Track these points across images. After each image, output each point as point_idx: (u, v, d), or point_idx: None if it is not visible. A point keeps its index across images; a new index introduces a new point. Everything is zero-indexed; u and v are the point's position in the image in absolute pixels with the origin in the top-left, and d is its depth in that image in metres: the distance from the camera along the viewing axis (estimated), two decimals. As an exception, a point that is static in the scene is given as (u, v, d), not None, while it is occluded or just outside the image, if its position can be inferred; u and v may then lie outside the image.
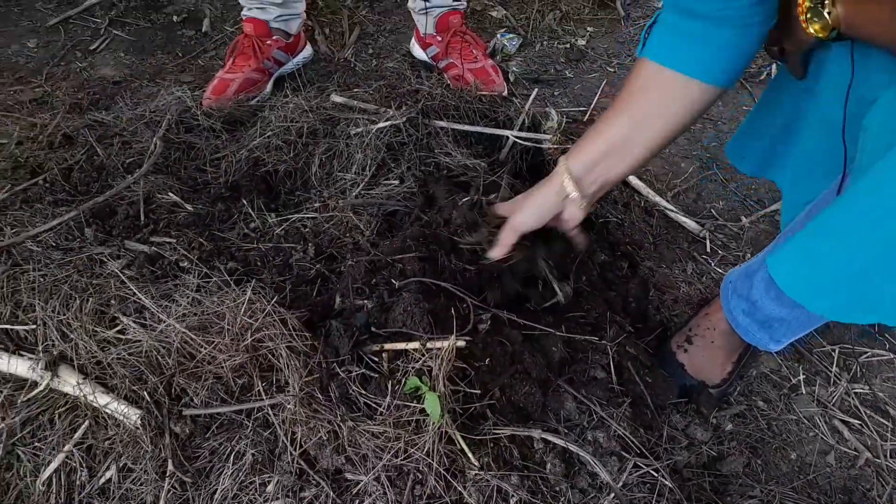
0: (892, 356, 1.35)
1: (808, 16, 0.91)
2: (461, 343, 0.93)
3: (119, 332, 1.06)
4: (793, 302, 1.10)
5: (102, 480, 1.03)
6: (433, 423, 0.89)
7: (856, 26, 0.87)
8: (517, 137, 1.55)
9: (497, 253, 1.15)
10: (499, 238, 1.16)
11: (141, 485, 1.01)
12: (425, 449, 0.90)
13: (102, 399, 1.02)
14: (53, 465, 1.03)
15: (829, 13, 0.88)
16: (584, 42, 2.22)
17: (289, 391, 0.95)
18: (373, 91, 1.71)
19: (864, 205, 0.80)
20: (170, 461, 0.99)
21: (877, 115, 0.86)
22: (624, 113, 1.06)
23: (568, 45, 2.20)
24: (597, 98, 1.99)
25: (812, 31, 0.91)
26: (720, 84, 1.02)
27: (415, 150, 1.46)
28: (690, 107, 1.04)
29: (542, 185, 1.15)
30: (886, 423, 1.26)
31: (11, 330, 1.11)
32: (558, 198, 1.12)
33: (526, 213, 1.15)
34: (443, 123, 1.53)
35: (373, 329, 1.02)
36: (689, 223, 1.60)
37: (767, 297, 1.13)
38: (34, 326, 1.09)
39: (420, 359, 0.93)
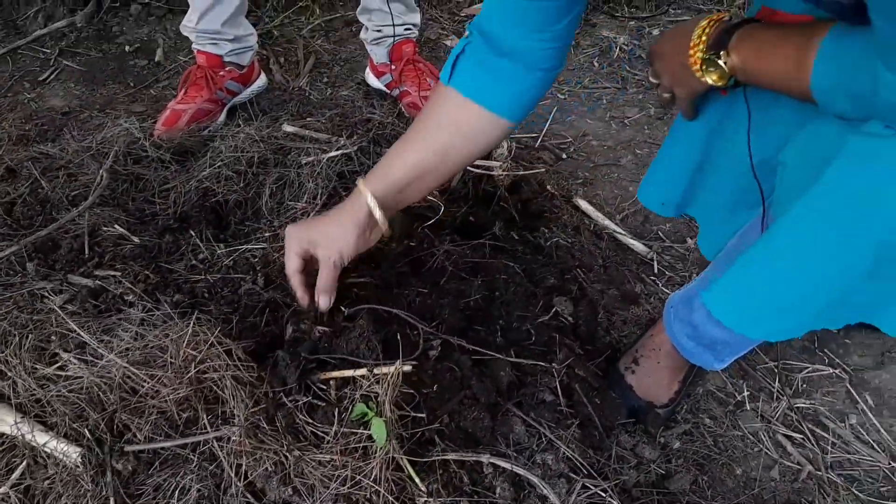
0: (831, 370, 1.40)
1: (704, 67, 0.95)
2: (407, 368, 0.94)
3: (59, 368, 1.04)
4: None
5: (42, 523, 1.00)
6: (380, 449, 0.89)
7: (753, 74, 0.92)
8: (468, 167, 1.57)
9: (326, 300, 1.10)
10: (322, 285, 1.10)
11: (82, 526, 0.98)
12: (373, 476, 0.90)
13: (41, 438, 0.99)
14: (-10, 508, 0.99)
15: (725, 63, 0.92)
16: (534, 70, 2.27)
17: (234, 423, 0.94)
18: (325, 120, 1.73)
19: (787, 239, 0.87)
20: (112, 500, 0.97)
21: (794, 152, 0.91)
22: (431, 142, 1.10)
23: (519, 73, 2.25)
24: (547, 124, 2.03)
25: (709, 80, 0.96)
26: (515, 121, 1.12)
27: (366, 179, 1.47)
28: (491, 141, 1.13)
29: (343, 212, 1.12)
30: (827, 436, 1.30)
31: (-53, 369, 1.08)
32: (366, 221, 1.11)
33: (340, 243, 1.10)
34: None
35: (321, 357, 1.02)
36: (638, 245, 1.64)
37: (709, 321, 1.17)
38: (-29, 365, 1.07)
39: (367, 385, 0.94)
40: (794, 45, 0.85)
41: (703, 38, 0.95)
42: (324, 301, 1.11)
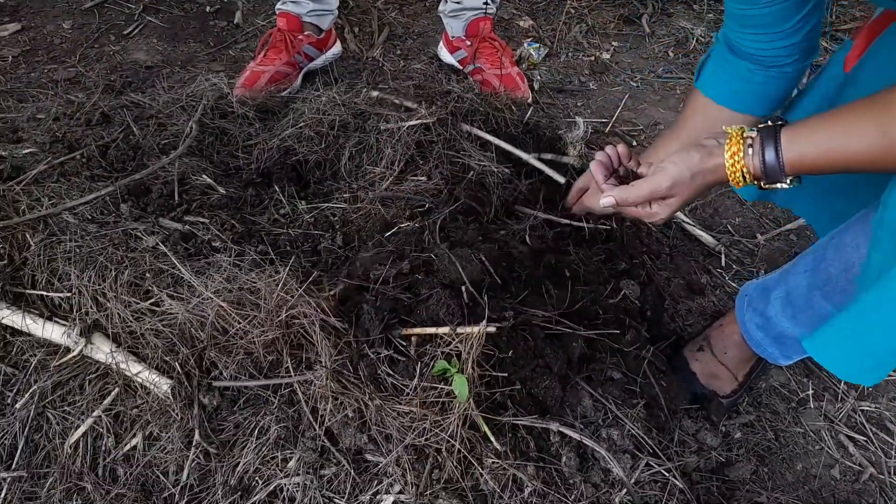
0: (899, 377, 1.38)
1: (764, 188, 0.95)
2: (491, 329, 0.96)
3: (153, 303, 1.09)
4: (809, 323, 1.13)
5: (128, 447, 1.05)
6: (459, 405, 0.92)
7: (824, 170, 0.89)
8: (539, 160, 1.57)
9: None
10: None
11: (166, 453, 1.03)
12: (449, 430, 0.93)
13: (134, 368, 1.05)
14: (81, 430, 1.05)
15: (790, 181, 0.91)
16: (608, 56, 2.26)
17: (319, 367, 0.98)
18: (404, 89, 1.75)
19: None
20: (196, 431, 1.02)
21: None
22: (676, 136, 1.25)
23: (592, 58, 2.24)
24: (619, 110, 2.02)
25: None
26: (758, 114, 1.16)
27: (443, 150, 1.49)
28: None
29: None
30: (891, 441, 1.28)
31: (47, 296, 1.14)
32: (623, 147, 1.19)
33: None
34: (470, 128, 1.56)
35: (402, 316, 1.05)
36: (706, 237, 1.63)
37: (783, 315, 1.17)
38: (69, 294, 1.13)
39: (449, 343, 0.96)
40: (865, 119, 0.81)
41: (739, 168, 0.93)
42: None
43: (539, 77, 2.12)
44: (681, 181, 0.98)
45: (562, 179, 1.55)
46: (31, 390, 1.07)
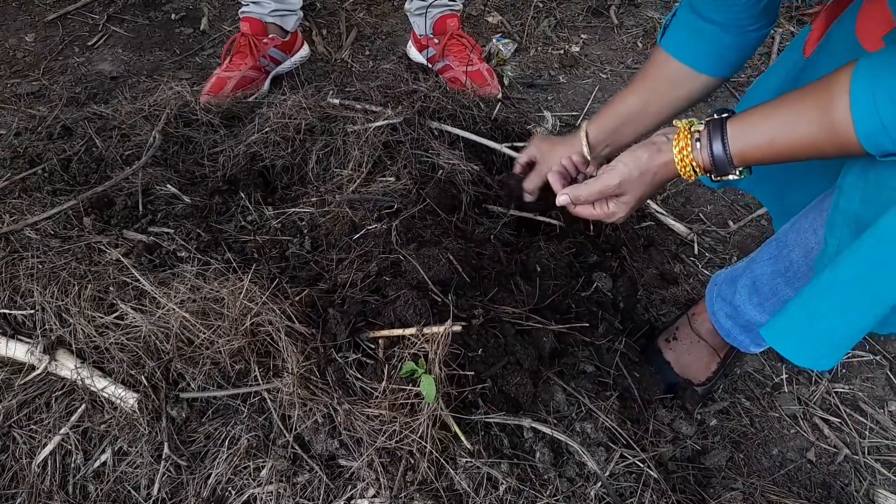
0: (871, 357, 1.39)
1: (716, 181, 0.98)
2: (457, 328, 0.95)
3: (118, 317, 1.08)
4: (775, 310, 1.14)
5: (97, 463, 1.04)
6: (428, 405, 0.92)
7: (771, 159, 0.90)
8: (510, 148, 1.57)
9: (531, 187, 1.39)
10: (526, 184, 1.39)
11: (136, 468, 1.02)
12: (419, 432, 0.92)
13: (100, 383, 1.03)
14: (49, 448, 1.04)
15: (739, 172, 0.93)
16: (577, 49, 2.26)
17: (286, 374, 0.97)
18: (368, 91, 1.74)
19: (851, 277, 0.84)
20: (166, 444, 1.01)
21: (853, 183, 0.88)
22: (638, 92, 1.25)
23: (562, 52, 2.24)
24: (589, 103, 2.03)
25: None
26: (718, 76, 1.19)
27: (410, 150, 1.49)
28: (692, 93, 1.21)
29: (566, 140, 1.36)
30: (865, 421, 1.29)
31: (9, 314, 1.13)
32: (577, 156, 1.28)
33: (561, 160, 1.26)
34: (438, 125, 1.56)
35: (369, 318, 1.04)
36: (678, 227, 1.64)
37: (750, 303, 1.17)
38: (32, 311, 1.11)
39: (416, 344, 0.96)
40: (807, 106, 0.83)
41: (689, 162, 0.95)
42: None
43: (509, 72, 2.12)
44: (629, 179, 1.02)
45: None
46: (-5, 410, 1.05)
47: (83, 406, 1.05)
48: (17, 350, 1.07)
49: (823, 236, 0.95)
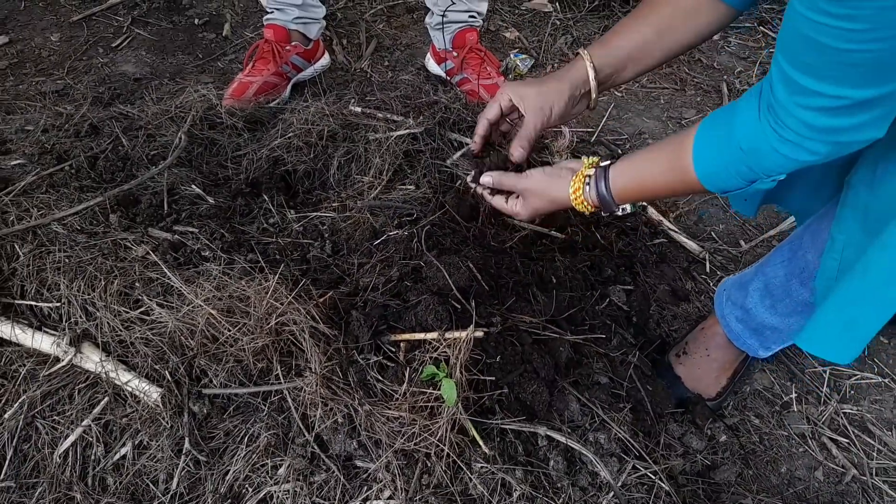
0: (880, 379, 1.40)
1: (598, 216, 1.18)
2: (479, 333, 0.97)
3: (143, 312, 1.09)
4: (787, 312, 1.16)
5: (117, 456, 1.06)
6: (448, 409, 0.93)
7: (644, 199, 1.12)
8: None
9: (522, 152, 1.24)
10: (524, 133, 1.22)
11: (156, 462, 1.04)
12: (438, 435, 0.94)
13: (124, 376, 1.05)
14: (71, 439, 1.05)
15: (623, 210, 1.12)
16: (593, 67, 2.29)
17: (309, 374, 0.99)
18: (391, 99, 1.77)
19: (883, 279, 0.89)
20: (186, 439, 1.02)
21: (864, 179, 0.94)
22: (648, 21, 1.14)
23: (578, 69, 2.27)
24: (604, 120, 2.05)
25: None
26: (737, 6, 1.10)
27: (430, 159, 1.51)
28: (709, 25, 1.12)
29: (560, 75, 1.20)
30: (873, 442, 1.30)
31: (36, 306, 1.14)
32: (581, 85, 1.19)
33: (553, 97, 1.19)
34: (458, 136, 1.59)
35: (391, 322, 1.06)
36: (691, 244, 1.65)
37: (762, 305, 1.20)
38: (58, 304, 1.13)
39: (437, 348, 0.97)
40: (663, 157, 1.00)
41: (581, 201, 1.11)
42: (518, 152, 1.21)
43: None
44: (534, 193, 1.16)
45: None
46: (20, 400, 1.07)
47: (106, 399, 1.06)
48: (44, 342, 1.09)
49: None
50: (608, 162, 1.08)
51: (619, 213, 1.10)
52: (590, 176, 1.09)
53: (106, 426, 1.07)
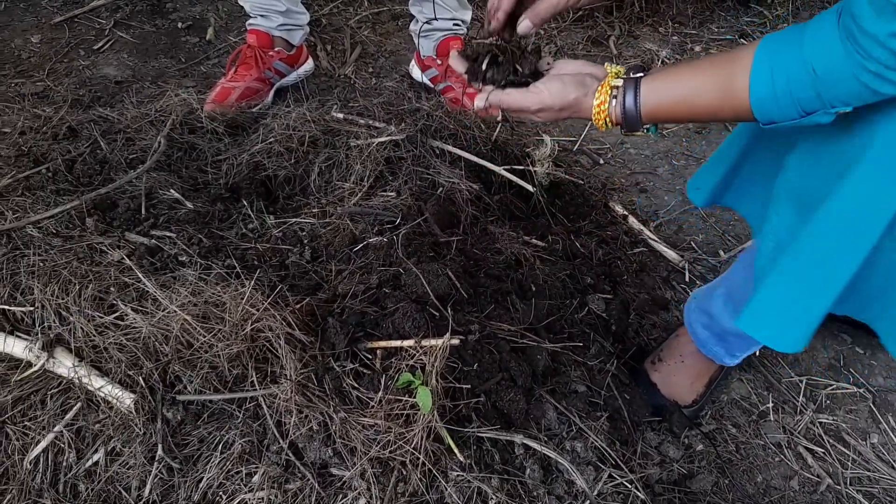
0: (855, 389, 1.42)
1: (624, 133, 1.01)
2: (455, 341, 0.97)
3: (118, 317, 1.08)
4: None
5: (90, 463, 1.04)
6: (423, 416, 0.93)
7: (673, 119, 0.97)
8: (508, 171, 1.60)
9: (529, 26, 1.05)
10: (540, 8, 1.05)
11: (128, 468, 1.02)
12: (413, 443, 0.93)
13: (97, 382, 1.04)
14: (42, 445, 1.04)
15: (646, 129, 0.98)
16: (576, 76, 2.31)
17: (284, 380, 0.98)
18: (373, 105, 1.77)
19: (812, 256, 0.90)
20: (160, 446, 1.01)
21: (798, 158, 0.94)
22: None
23: (561, 78, 2.28)
24: (586, 129, 2.07)
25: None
26: None
27: (412, 166, 1.51)
28: None
29: None
30: (848, 452, 1.32)
31: (9, 310, 1.13)
32: None
33: None
34: (440, 144, 1.59)
35: (367, 329, 1.06)
36: (670, 253, 1.67)
37: (725, 311, 1.20)
38: (32, 308, 1.11)
39: (413, 356, 0.97)
40: (712, 72, 0.89)
41: (604, 117, 0.98)
42: (525, 25, 1.06)
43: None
44: (548, 108, 1.01)
45: (531, 188, 1.58)
46: (-10, 406, 1.05)
47: (78, 405, 1.05)
48: (16, 346, 1.07)
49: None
50: (640, 73, 0.96)
51: (642, 133, 0.99)
52: (617, 87, 0.96)
53: (78, 432, 1.05)
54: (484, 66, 1.06)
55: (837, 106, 0.80)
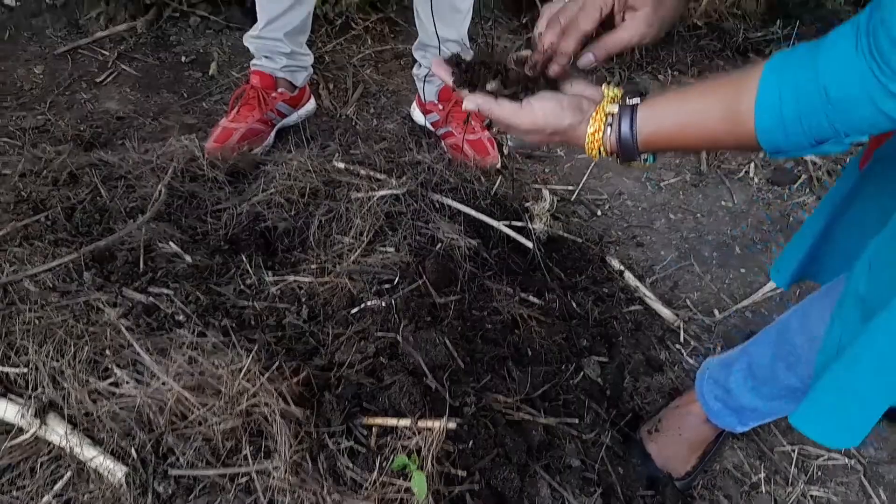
0: (846, 461, 1.42)
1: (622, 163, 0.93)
2: (452, 424, 0.97)
3: (112, 384, 1.08)
4: (771, 395, 1.15)
5: (78, 535, 1.03)
6: (418, 502, 0.92)
7: (675, 147, 0.88)
8: (507, 227, 1.61)
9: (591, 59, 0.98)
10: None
11: (117, 541, 1.01)
12: (407, 530, 0.93)
13: (89, 452, 1.03)
14: (30, 514, 1.03)
15: (644, 159, 0.90)
16: (576, 123, 2.32)
17: (277, 458, 0.97)
18: (374, 153, 1.77)
19: (874, 367, 0.86)
20: (150, 520, 1.00)
21: (878, 246, 0.89)
22: None
23: (561, 125, 2.30)
24: (584, 179, 2.08)
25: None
26: None
27: (411, 221, 1.52)
28: None
29: None
30: (839, 527, 1.32)
31: (2, 371, 1.12)
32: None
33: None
34: (440, 198, 1.59)
35: (364, 404, 1.06)
36: (666, 312, 1.67)
37: (744, 386, 1.19)
38: (26, 371, 1.11)
39: (410, 437, 0.97)
40: (715, 97, 0.81)
41: (597, 145, 0.90)
42: (587, 60, 0.98)
43: (509, 141, 2.17)
44: (539, 131, 0.93)
45: (530, 244, 1.59)
46: (-21, 472, 1.04)
47: (69, 474, 1.03)
48: (8, 411, 1.06)
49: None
50: (636, 100, 0.88)
51: (640, 162, 0.90)
52: (612, 115, 0.88)
53: (67, 503, 1.04)
54: (489, 87, 0.95)
55: (851, 135, 0.73)
